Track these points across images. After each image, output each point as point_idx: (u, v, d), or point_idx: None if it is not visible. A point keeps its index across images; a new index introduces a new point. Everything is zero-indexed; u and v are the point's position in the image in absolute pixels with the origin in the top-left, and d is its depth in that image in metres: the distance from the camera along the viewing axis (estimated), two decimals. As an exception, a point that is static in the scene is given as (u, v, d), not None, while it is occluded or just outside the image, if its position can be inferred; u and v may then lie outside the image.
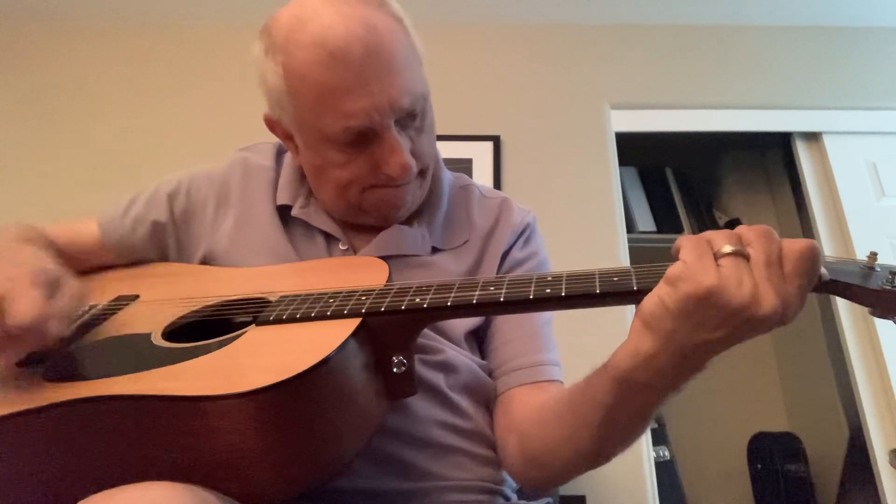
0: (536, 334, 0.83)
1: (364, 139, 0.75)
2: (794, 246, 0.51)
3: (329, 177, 0.80)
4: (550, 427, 0.70)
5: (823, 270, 0.52)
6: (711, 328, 0.51)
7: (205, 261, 0.87)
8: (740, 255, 0.50)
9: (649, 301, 0.53)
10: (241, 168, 0.91)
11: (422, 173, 0.83)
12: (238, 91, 2.13)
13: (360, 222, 0.86)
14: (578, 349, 1.03)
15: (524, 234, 0.91)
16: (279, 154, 0.94)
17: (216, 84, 2.18)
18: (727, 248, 0.50)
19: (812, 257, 0.50)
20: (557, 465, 0.71)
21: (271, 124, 0.84)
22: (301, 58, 0.72)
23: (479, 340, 0.86)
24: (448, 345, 0.79)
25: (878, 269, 0.52)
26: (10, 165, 2.06)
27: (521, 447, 0.74)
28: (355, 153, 0.77)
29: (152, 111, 2.14)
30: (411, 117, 0.78)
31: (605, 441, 0.65)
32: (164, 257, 0.90)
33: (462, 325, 0.82)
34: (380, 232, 0.85)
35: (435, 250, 0.86)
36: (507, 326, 0.84)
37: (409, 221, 0.87)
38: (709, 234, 0.53)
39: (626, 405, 0.59)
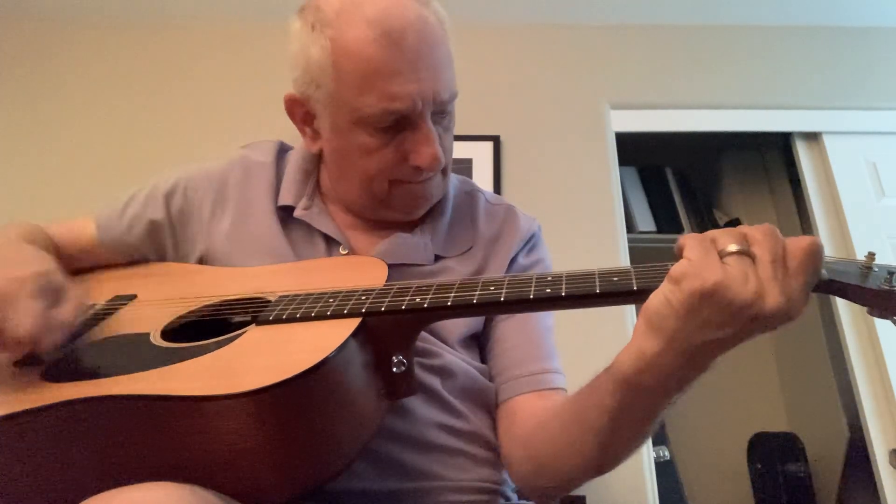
0: (539, 342, 0.83)
1: (399, 126, 0.76)
2: (798, 244, 0.51)
3: (354, 165, 0.80)
4: (555, 434, 0.70)
5: (822, 270, 0.52)
6: (716, 326, 0.50)
7: (202, 260, 0.86)
8: (745, 254, 0.50)
9: (654, 300, 0.52)
10: (240, 166, 0.91)
11: (443, 171, 0.84)
12: (237, 90, 2.13)
13: (381, 217, 0.86)
14: (576, 352, 1.03)
15: (531, 241, 0.91)
16: (280, 153, 0.93)
17: (215, 83, 2.17)
18: (732, 247, 0.50)
19: (816, 253, 0.50)
20: (563, 472, 0.71)
21: (293, 104, 0.83)
22: (354, 34, 0.73)
23: (479, 345, 0.86)
24: (445, 349, 0.79)
25: (876, 269, 0.52)
26: (9, 165, 2.06)
27: (526, 455, 0.74)
28: (386, 140, 0.77)
29: (151, 110, 2.14)
30: (443, 114, 0.79)
31: (610, 446, 0.64)
32: (161, 256, 0.90)
33: (458, 329, 0.81)
34: (382, 237, 0.84)
35: (438, 258, 0.85)
36: (510, 333, 0.83)
37: (411, 229, 0.86)
38: (713, 232, 0.52)
39: (631, 408, 0.59)
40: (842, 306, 1.98)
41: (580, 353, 1.02)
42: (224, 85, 2.17)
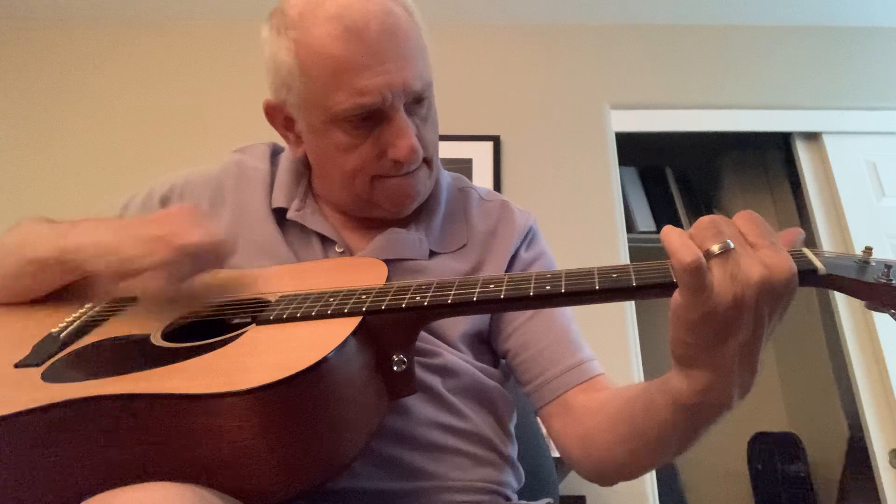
0: (567, 336, 0.82)
1: (372, 120, 0.75)
2: (741, 218, 0.52)
3: (334, 164, 0.80)
4: (613, 446, 0.70)
5: (820, 265, 0.52)
6: (736, 330, 0.50)
7: None
8: (726, 252, 0.49)
9: (673, 346, 0.54)
10: (234, 170, 0.90)
11: (427, 163, 0.83)
12: (235, 91, 2.13)
13: (370, 215, 0.85)
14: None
15: (529, 235, 0.90)
16: (274, 155, 0.93)
17: (214, 84, 2.18)
18: (716, 249, 0.50)
19: (753, 215, 0.51)
20: (626, 473, 0.72)
21: (272, 110, 0.83)
22: (317, 33, 0.72)
23: (488, 349, 0.86)
24: (446, 348, 0.79)
25: (874, 263, 0.52)
26: (9, 165, 2.06)
27: (586, 455, 0.75)
28: (362, 136, 0.76)
29: (150, 111, 2.14)
30: (419, 104, 0.78)
31: (664, 452, 0.66)
32: None
33: (459, 328, 0.81)
34: (376, 235, 0.84)
35: (432, 254, 0.85)
36: (537, 335, 0.82)
37: (405, 224, 0.86)
38: (698, 237, 0.51)
39: (687, 423, 0.60)
40: (842, 306, 1.98)
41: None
42: (223, 85, 2.17)
